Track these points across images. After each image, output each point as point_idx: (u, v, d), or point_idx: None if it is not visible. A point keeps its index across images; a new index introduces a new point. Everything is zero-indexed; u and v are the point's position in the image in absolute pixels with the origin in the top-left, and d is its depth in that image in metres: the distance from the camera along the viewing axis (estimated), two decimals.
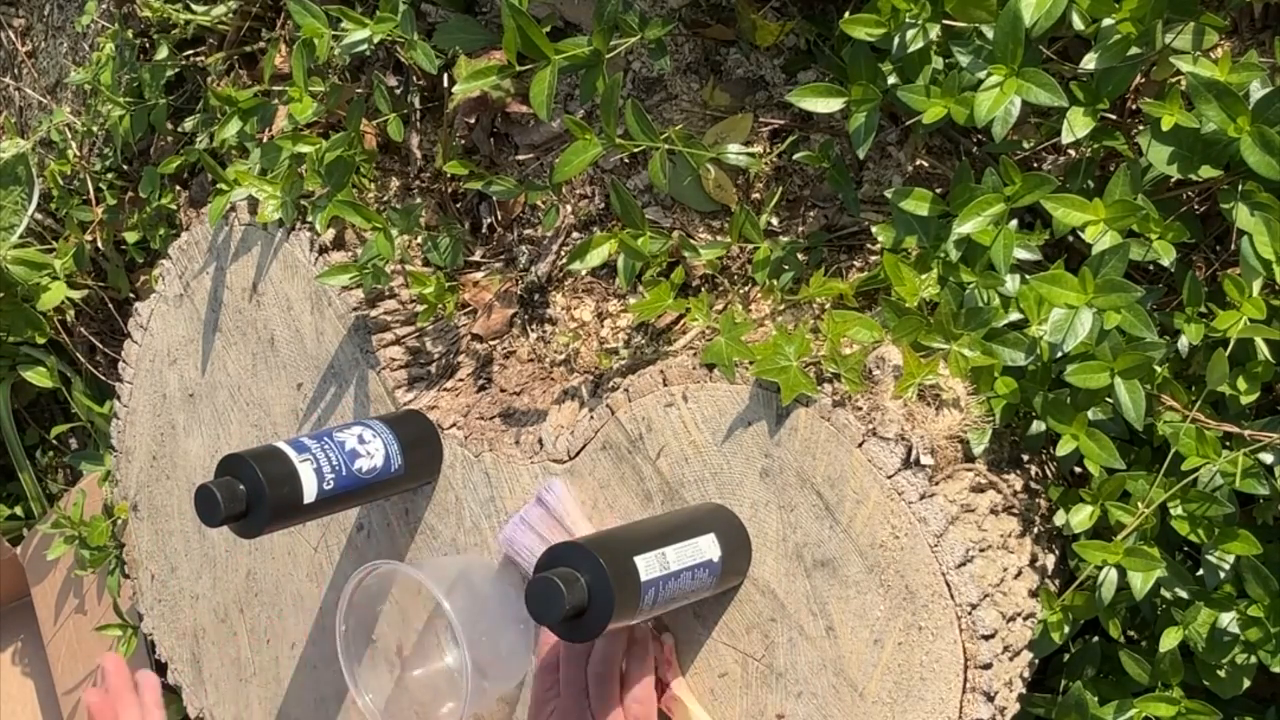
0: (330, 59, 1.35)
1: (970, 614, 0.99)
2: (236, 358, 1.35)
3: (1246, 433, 1.02)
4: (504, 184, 1.24)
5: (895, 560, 1.00)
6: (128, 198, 1.73)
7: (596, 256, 1.19)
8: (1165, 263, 1.05)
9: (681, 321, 1.23)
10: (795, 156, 1.21)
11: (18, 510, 1.92)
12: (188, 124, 1.61)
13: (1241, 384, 1.04)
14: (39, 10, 1.86)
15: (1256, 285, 1.03)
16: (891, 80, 1.10)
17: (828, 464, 1.02)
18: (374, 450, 1.16)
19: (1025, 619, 1.06)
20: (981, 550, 1.02)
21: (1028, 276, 1.05)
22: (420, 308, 1.28)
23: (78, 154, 1.76)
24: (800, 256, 1.20)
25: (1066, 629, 1.07)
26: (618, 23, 1.17)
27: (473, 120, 1.35)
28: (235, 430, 1.36)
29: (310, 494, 1.13)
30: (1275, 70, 1.08)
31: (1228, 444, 1.03)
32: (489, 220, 1.36)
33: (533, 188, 1.27)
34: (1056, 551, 1.12)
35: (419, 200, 1.37)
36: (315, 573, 1.30)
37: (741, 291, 1.23)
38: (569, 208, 1.30)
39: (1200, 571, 1.05)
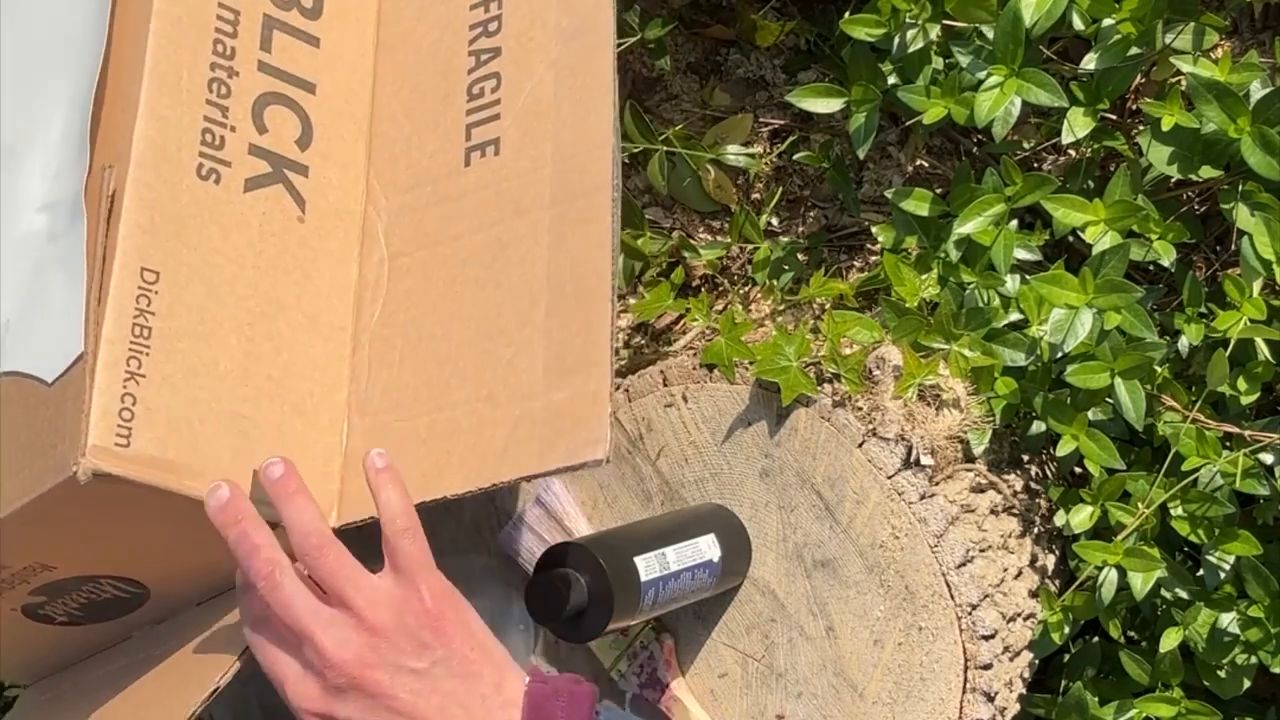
0: None
1: (970, 614, 0.99)
2: None
3: (1247, 433, 1.02)
4: None
5: (895, 560, 1.00)
6: None
7: None
8: (1165, 263, 1.05)
9: (681, 321, 1.23)
10: (795, 156, 1.21)
11: None
12: None
13: (1241, 384, 1.04)
14: None
15: (1256, 285, 1.03)
16: (891, 80, 1.10)
17: (828, 464, 1.02)
18: None
19: (1025, 619, 1.06)
20: (981, 550, 1.02)
21: (1028, 276, 1.05)
22: None
23: None
24: (800, 256, 1.20)
25: (1066, 629, 1.07)
26: (618, 22, 1.17)
27: None
28: None
29: None
30: (1275, 70, 1.09)
31: (1228, 444, 1.03)
32: None
33: None
34: (1056, 552, 1.12)
35: None
36: None
37: (741, 291, 1.23)
38: None
39: (1200, 572, 1.05)
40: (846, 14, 1.09)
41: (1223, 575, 1.04)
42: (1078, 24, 1.05)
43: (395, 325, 0.95)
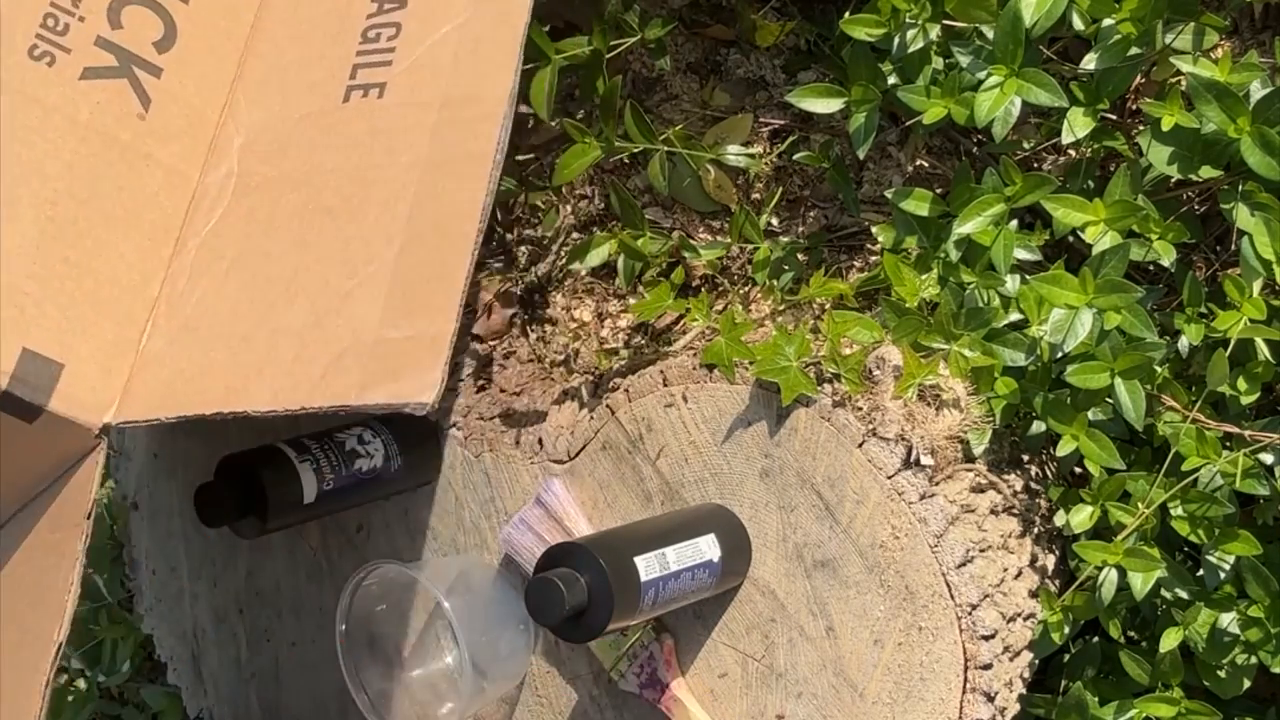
0: None
1: (970, 614, 0.99)
2: None
3: (1247, 433, 1.02)
4: (504, 184, 1.24)
5: (895, 560, 1.00)
6: None
7: (596, 256, 1.19)
8: (1165, 263, 1.05)
9: (681, 321, 1.23)
10: (795, 156, 1.21)
11: None
12: None
13: (1241, 384, 1.04)
14: None
15: (1256, 285, 1.03)
16: (891, 80, 1.10)
17: (828, 464, 1.02)
18: (373, 451, 1.16)
19: (1025, 619, 1.06)
20: (981, 551, 1.02)
21: (1028, 277, 1.05)
22: None
23: None
24: (800, 256, 1.19)
25: (1066, 629, 1.07)
26: (618, 22, 1.18)
27: None
28: (236, 430, 1.36)
29: (310, 494, 1.13)
30: (1275, 70, 1.09)
31: (1228, 444, 1.03)
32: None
33: (533, 188, 1.27)
34: (1056, 552, 1.12)
35: None
36: (315, 573, 1.30)
37: (741, 291, 1.23)
38: (569, 208, 1.30)
39: (1200, 572, 1.05)
40: (846, 14, 1.09)
41: (1223, 575, 1.04)
42: (1078, 24, 1.05)
43: (229, 237, 0.93)
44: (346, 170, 0.93)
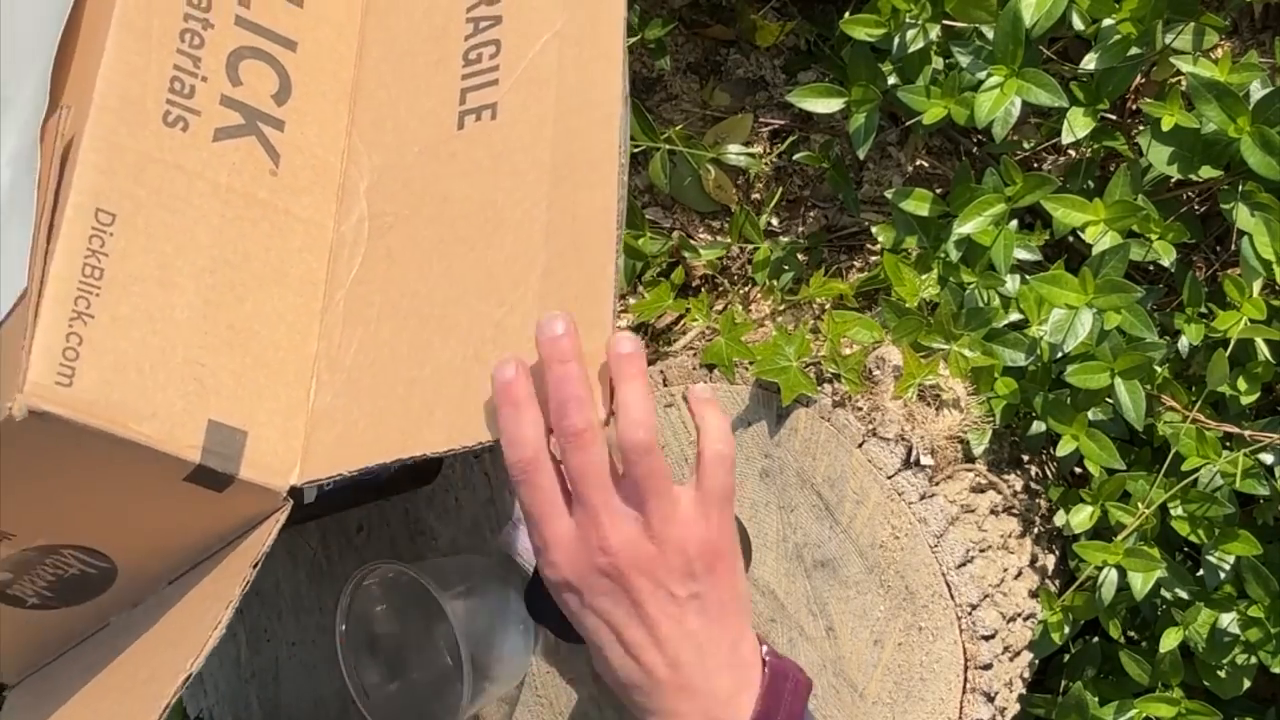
0: None
1: (970, 614, 0.99)
2: None
3: (1247, 433, 1.02)
4: None
5: (895, 560, 1.00)
6: None
7: None
8: (1165, 263, 1.05)
9: (681, 321, 1.23)
10: (795, 157, 1.21)
11: None
12: None
13: (1242, 384, 1.04)
14: None
15: (1256, 285, 1.03)
16: (891, 80, 1.10)
17: (828, 464, 1.02)
18: None
19: (1025, 619, 1.06)
20: (982, 551, 1.02)
21: (1028, 277, 1.05)
22: None
23: None
24: (800, 256, 1.20)
25: (1067, 629, 1.07)
26: None
27: None
28: None
29: (310, 494, 1.12)
30: (1275, 70, 1.09)
31: (1228, 444, 1.03)
32: None
33: None
34: (1057, 552, 1.12)
35: None
36: (315, 573, 1.30)
37: (741, 291, 1.23)
38: None
39: (1200, 572, 1.05)
40: (846, 14, 1.09)
41: (1223, 575, 1.04)
42: (1078, 24, 1.05)
43: (373, 282, 0.93)
44: (475, 198, 0.92)
